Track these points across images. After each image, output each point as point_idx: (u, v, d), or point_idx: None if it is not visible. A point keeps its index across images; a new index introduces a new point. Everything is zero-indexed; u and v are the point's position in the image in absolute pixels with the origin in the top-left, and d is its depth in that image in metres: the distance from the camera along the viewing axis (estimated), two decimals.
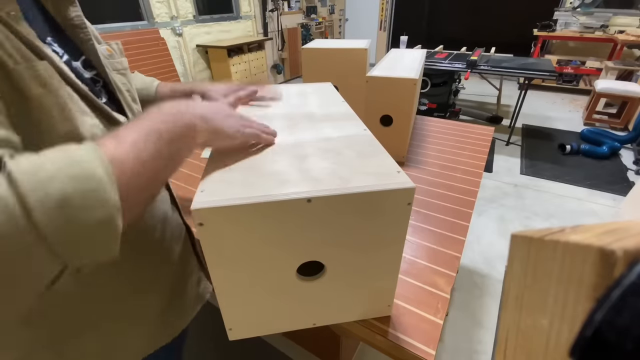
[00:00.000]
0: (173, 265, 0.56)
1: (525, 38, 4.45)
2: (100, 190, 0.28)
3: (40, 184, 0.25)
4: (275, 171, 0.44)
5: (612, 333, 0.12)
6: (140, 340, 0.53)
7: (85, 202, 0.27)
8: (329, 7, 5.84)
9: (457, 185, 0.95)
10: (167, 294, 0.55)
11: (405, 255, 0.70)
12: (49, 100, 0.34)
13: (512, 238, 0.21)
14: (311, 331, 0.55)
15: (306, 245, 0.43)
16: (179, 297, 0.58)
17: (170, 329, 0.57)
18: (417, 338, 0.53)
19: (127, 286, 0.49)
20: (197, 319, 0.65)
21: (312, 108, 0.67)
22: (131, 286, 0.49)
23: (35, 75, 0.33)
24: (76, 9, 0.44)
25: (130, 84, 0.53)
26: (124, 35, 2.85)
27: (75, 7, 0.44)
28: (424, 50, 1.35)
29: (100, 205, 0.27)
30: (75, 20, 0.43)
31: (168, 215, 0.55)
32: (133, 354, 0.52)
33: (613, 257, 0.13)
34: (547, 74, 2.59)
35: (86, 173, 0.27)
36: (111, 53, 0.49)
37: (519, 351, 0.21)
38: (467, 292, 1.58)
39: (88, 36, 0.44)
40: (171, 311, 0.56)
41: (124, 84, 0.50)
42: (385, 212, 0.42)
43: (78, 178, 0.27)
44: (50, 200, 0.25)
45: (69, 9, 0.43)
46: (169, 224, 0.56)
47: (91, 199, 0.27)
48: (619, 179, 2.46)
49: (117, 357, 0.50)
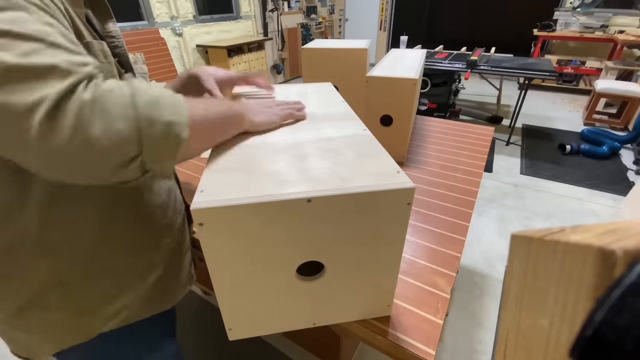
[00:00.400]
0: (174, 235, 0.61)
1: (525, 38, 4.45)
2: (178, 105, 0.38)
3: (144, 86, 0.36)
4: (275, 171, 0.44)
5: (612, 333, 0.12)
6: (139, 302, 0.55)
7: (168, 107, 0.37)
8: (329, 7, 5.84)
9: (457, 185, 0.95)
10: (167, 261, 0.59)
11: (405, 255, 0.70)
12: (109, 69, 0.48)
13: (512, 238, 0.21)
14: (311, 331, 0.55)
15: (306, 245, 0.43)
16: (175, 268, 0.62)
17: (166, 298, 0.60)
18: (417, 338, 0.53)
19: (139, 241, 0.54)
20: (196, 319, 0.66)
21: (312, 108, 0.67)
22: (143, 242, 0.55)
23: (102, 49, 0.46)
24: (114, 24, 0.57)
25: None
26: (124, 35, 2.80)
27: (114, 22, 0.57)
28: (424, 50, 1.35)
29: (177, 113, 0.37)
30: (113, 32, 0.56)
31: (172, 188, 0.62)
32: (129, 313, 0.54)
33: (613, 257, 0.13)
34: (547, 74, 2.59)
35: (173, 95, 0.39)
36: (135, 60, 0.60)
37: (519, 351, 0.21)
38: (467, 292, 1.58)
39: (122, 44, 0.57)
40: (168, 280, 0.60)
41: None
42: (385, 212, 0.42)
43: (168, 95, 0.38)
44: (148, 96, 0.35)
45: (109, 23, 0.56)
46: (173, 195, 0.62)
47: (172, 107, 0.37)
48: (619, 179, 2.46)
49: (114, 311, 0.53)
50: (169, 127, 0.36)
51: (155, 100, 0.36)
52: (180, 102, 0.38)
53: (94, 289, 0.50)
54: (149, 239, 0.56)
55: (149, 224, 0.55)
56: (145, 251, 0.55)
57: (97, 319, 0.52)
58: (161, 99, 0.36)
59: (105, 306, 0.52)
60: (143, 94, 0.35)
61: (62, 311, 0.49)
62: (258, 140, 0.53)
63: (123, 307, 0.53)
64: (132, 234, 0.53)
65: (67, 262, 0.47)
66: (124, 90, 0.34)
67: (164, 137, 0.36)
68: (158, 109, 0.35)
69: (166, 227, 0.59)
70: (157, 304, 0.59)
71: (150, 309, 0.57)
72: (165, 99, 0.37)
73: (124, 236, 0.52)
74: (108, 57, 0.47)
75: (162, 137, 0.36)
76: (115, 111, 0.33)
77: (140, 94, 0.35)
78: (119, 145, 0.33)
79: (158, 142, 0.36)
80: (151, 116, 0.35)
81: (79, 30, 0.43)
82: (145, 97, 0.35)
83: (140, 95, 0.35)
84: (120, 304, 0.53)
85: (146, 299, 0.56)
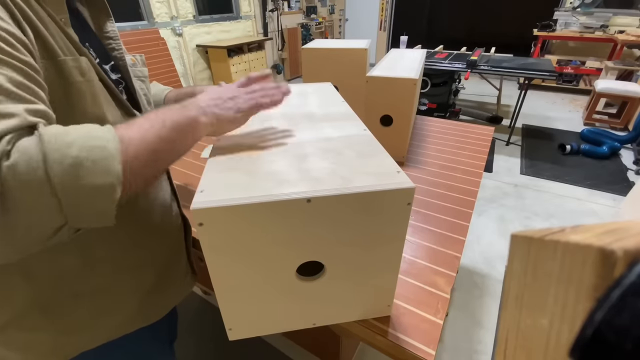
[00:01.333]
0: (167, 251, 0.60)
1: (525, 38, 4.45)
2: (108, 159, 0.33)
3: (62, 145, 0.31)
4: (275, 171, 0.44)
5: (612, 333, 0.12)
6: (125, 317, 0.54)
7: (94, 167, 0.32)
8: (329, 7, 5.84)
9: (457, 185, 0.95)
10: (157, 277, 0.58)
11: (405, 255, 0.70)
12: (85, 87, 0.42)
13: (512, 238, 0.21)
14: (311, 331, 0.55)
15: (306, 245, 0.43)
16: (165, 283, 0.61)
17: (153, 312, 0.59)
18: (417, 338, 0.53)
19: (125, 262, 0.52)
20: (197, 319, 0.66)
21: (312, 108, 0.67)
22: (128, 262, 0.53)
23: (78, 67, 0.41)
24: (112, 24, 0.54)
25: (148, 89, 0.61)
26: (124, 35, 2.85)
27: (112, 22, 0.54)
28: (424, 50, 1.35)
29: (105, 173, 0.32)
30: (110, 33, 0.53)
31: (167, 204, 0.60)
32: (116, 328, 0.54)
33: (613, 257, 0.13)
34: (547, 74, 2.59)
35: (99, 144, 0.33)
36: (134, 62, 0.59)
37: (519, 351, 0.21)
38: (467, 292, 1.58)
39: (119, 46, 0.54)
40: (157, 295, 0.59)
41: (142, 89, 0.59)
42: (384, 212, 0.42)
43: (92, 148, 0.32)
44: (67, 160, 0.30)
45: (107, 24, 0.53)
46: (168, 212, 0.60)
47: (99, 167, 0.32)
48: (619, 179, 2.46)
49: (101, 329, 0.52)
50: (95, 191, 0.32)
51: (76, 162, 0.31)
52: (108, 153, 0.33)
53: (78, 310, 0.49)
54: (141, 257, 0.54)
55: (142, 243, 0.54)
56: (136, 269, 0.54)
57: (80, 339, 0.51)
58: (83, 160, 0.31)
59: (89, 326, 0.51)
60: (59, 159, 0.30)
61: (43, 332, 0.48)
62: (258, 140, 0.53)
63: (109, 325, 0.52)
64: (124, 254, 0.51)
65: (48, 287, 0.46)
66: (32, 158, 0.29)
67: (90, 202, 0.32)
68: (78, 176, 0.31)
69: (160, 243, 0.58)
70: (145, 317, 0.57)
71: (138, 323, 0.56)
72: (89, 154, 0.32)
73: (115, 257, 0.50)
74: (86, 74, 0.42)
75: (87, 203, 0.32)
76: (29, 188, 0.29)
77: (54, 159, 0.30)
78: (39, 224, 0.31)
79: (84, 208, 0.32)
80: (71, 187, 0.31)
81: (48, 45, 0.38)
82: (63, 163, 0.30)
83: (56, 162, 0.30)
84: (106, 323, 0.52)
85: (134, 314, 0.55)
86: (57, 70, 0.40)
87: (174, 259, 0.63)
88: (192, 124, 0.44)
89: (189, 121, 0.44)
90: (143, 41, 2.99)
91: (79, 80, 0.41)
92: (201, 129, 0.45)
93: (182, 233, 0.66)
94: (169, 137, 0.41)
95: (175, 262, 0.63)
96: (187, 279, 0.67)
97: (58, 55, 0.39)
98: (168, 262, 0.60)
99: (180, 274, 0.65)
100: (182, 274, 0.66)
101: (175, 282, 0.63)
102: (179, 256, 0.65)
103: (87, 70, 0.42)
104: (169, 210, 0.61)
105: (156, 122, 0.40)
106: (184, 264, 0.66)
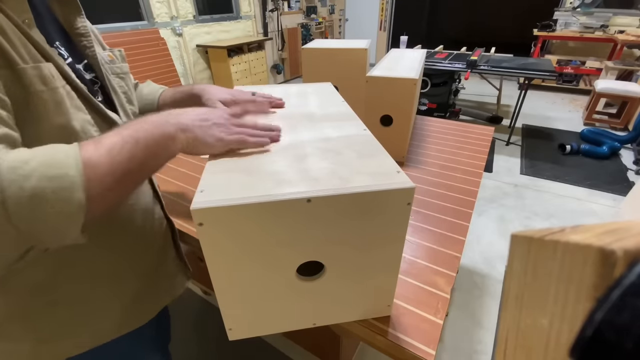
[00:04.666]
0: (151, 256, 0.59)
1: (525, 38, 4.45)
2: (69, 190, 0.32)
3: (19, 177, 0.30)
4: (275, 171, 0.44)
5: (612, 333, 0.12)
6: (110, 323, 0.54)
7: (54, 197, 0.31)
8: (329, 7, 5.84)
9: (457, 185, 0.95)
10: (140, 283, 0.57)
11: (405, 255, 0.70)
12: (48, 96, 0.39)
13: (512, 238, 0.21)
14: (311, 331, 0.55)
15: (306, 245, 0.43)
16: (151, 287, 0.60)
17: (139, 316, 0.58)
18: (417, 338, 0.53)
19: (104, 270, 0.51)
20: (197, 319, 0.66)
21: (312, 108, 0.67)
22: (108, 270, 0.52)
23: (39, 75, 0.38)
24: (83, 20, 0.51)
25: (129, 87, 0.58)
26: (124, 35, 2.85)
27: (82, 18, 0.51)
28: (424, 50, 1.35)
29: (67, 203, 0.32)
30: (81, 29, 0.50)
31: (149, 209, 0.58)
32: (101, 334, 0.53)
33: (613, 257, 0.13)
34: (547, 74, 2.59)
35: (59, 174, 0.32)
36: (112, 59, 0.55)
37: (519, 351, 0.21)
38: (467, 292, 1.58)
39: (90, 43, 0.51)
40: (142, 299, 0.58)
41: (121, 86, 0.56)
42: (384, 212, 0.42)
43: (52, 178, 0.31)
44: (24, 193, 0.30)
45: (77, 20, 0.50)
46: (150, 217, 0.58)
47: (59, 196, 0.31)
48: (619, 179, 2.46)
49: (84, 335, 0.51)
50: (56, 219, 0.31)
51: (34, 194, 0.30)
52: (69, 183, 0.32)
53: (57, 318, 0.48)
54: (120, 264, 0.53)
55: (121, 250, 0.53)
56: (116, 276, 0.53)
57: (62, 346, 0.50)
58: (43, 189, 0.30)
59: (70, 333, 0.50)
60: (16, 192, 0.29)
61: (23, 342, 0.47)
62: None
63: (92, 332, 0.52)
64: (101, 262, 0.50)
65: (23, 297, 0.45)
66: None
67: (53, 229, 0.32)
68: (37, 207, 0.30)
69: (143, 249, 0.56)
70: (131, 322, 0.57)
71: (123, 328, 0.55)
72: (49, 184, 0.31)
73: (92, 265, 0.49)
74: (48, 82, 0.39)
75: (49, 231, 0.32)
76: None
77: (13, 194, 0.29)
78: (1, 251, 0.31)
79: (46, 235, 0.32)
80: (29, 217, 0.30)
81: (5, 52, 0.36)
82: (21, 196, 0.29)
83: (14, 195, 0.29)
84: (89, 329, 0.51)
85: (119, 319, 0.54)
86: (17, 80, 0.37)
87: (159, 262, 0.61)
88: (167, 142, 0.42)
89: (164, 139, 0.42)
90: (143, 41, 2.99)
91: (40, 89, 0.38)
92: (176, 146, 0.43)
93: (168, 235, 0.64)
94: (141, 157, 0.39)
95: (160, 264, 0.62)
96: (177, 279, 0.66)
97: (17, 63, 0.36)
98: (152, 266, 0.59)
99: (168, 275, 0.64)
100: (170, 276, 0.65)
101: (162, 284, 0.62)
102: (165, 258, 0.63)
103: (50, 78, 0.39)
104: (151, 215, 0.59)
105: (129, 140, 0.38)
106: (172, 265, 0.66)
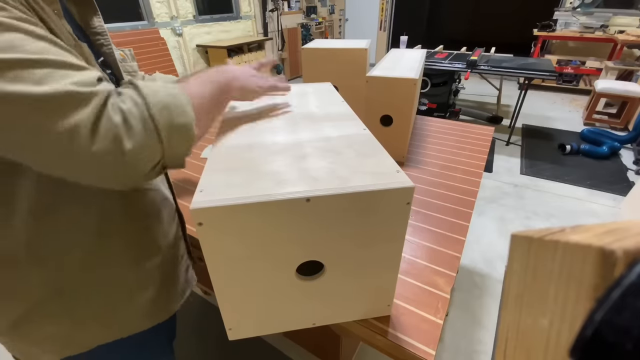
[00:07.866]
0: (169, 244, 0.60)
1: (525, 38, 4.44)
2: (185, 105, 0.40)
3: (151, 92, 0.38)
4: (275, 171, 0.44)
5: (612, 333, 0.12)
6: (136, 314, 0.55)
7: (177, 110, 0.39)
8: (329, 7, 5.84)
9: (457, 185, 0.95)
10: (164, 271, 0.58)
11: (405, 255, 0.70)
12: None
13: (512, 238, 0.21)
14: (311, 331, 0.55)
15: (305, 245, 0.43)
16: (172, 278, 0.61)
17: (163, 310, 0.59)
18: (417, 338, 0.53)
19: (135, 251, 0.53)
20: (197, 319, 0.66)
21: (312, 108, 0.67)
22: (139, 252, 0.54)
23: (82, 52, 0.43)
24: (99, 19, 0.53)
25: None
26: (124, 35, 2.85)
27: (99, 17, 0.53)
28: (424, 50, 1.35)
29: (185, 115, 0.40)
30: (98, 28, 0.53)
31: (166, 196, 0.61)
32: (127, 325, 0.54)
33: (613, 257, 0.12)
34: (547, 74, 2.59)
35: (175, 92, 0.40)
36: (123, 57, 0.59)
37: (519, 351, 0.21)
38: (467, 292, 1.58)
39: (108, 42, 0.54)
40: (165, 291, 0.59)
41: None
42: (384, 212, 0.42)
43: (171, 95, 0.40)
44: (160, 103, 0.38)
45: (94, 19, 0.52)
46: (167, 205, 0.61)
47: (180, 110, 0.40)
48: (619, 179, 2.46)
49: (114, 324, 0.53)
50: (181, 129, 0.39)
51: (166, 105, 0.38)
52: (184, 101, 0.40)
53: (92, 299, 0.50)
54: (145, 248, 0.55)
55: (145, 233, 0.54)
56: (141, 261, 0.54)
57: (95, 330, 0.51)
58: (170, 103, 0.38)
59: (103, 317, 0.51)
60: (155, 102, 0.37)
61: (61, 322, 0.49)
62: (257, 140, 0.53)
63: (121, 319, 0.53)
64: (128, 243, 0.52)
65: (61, 272, 0.46)
66: (138, 102, 0.37)
67: (180, 138, 0.40)
68: (170, 115, 0.38)
69: (162, 235, 0.58)
70: (155, 315, 0.58)
71: (148, 321, 0.57)
72: (172, 100, 0.39)
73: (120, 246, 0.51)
74: (90, 61, 0.44)
75: (178, 140, 0.39)
76: (139, 127, 0.36)
77: (152, 103, 0.37)
78: (148, 156, 0.37)
79: (176, 144, 0.39)
80: (167, 123, 0.38)
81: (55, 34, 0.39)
82: (158, 105, 0.37)
83: (153, 104, 0.37)
84: (118, 316, 0.52)
85: (144, 311, 0.55)
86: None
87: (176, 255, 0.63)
88: (226, 88, 0.52)
89: (225, 85, 0.52)
90: (143, 41, 2.99)
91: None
92: (232, 91, 0.54)
93: (180, 228, 0.66)
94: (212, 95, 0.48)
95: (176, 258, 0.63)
96: (189, 273, 0.68)
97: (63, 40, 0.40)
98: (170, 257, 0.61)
99: (185, 267, 0.66)
100: (186, 268, 0.67)
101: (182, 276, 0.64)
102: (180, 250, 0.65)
103: (91, 57, 0.45)
104: (170, 204, 0.62)
105: (206, 83, 0.48)
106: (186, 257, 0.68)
